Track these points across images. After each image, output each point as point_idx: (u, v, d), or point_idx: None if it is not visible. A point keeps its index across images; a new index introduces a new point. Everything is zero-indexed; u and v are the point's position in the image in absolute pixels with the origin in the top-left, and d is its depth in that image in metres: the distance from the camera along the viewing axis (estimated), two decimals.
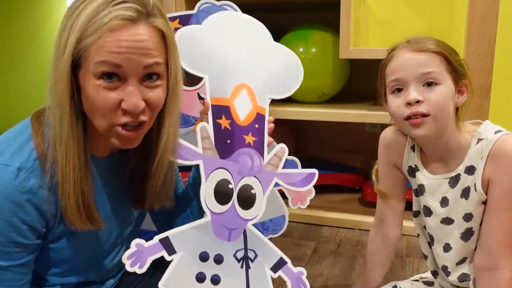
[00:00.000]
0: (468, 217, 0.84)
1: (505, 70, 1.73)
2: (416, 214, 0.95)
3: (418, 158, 0.90)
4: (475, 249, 0.86)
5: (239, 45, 0.94)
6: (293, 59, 1.00)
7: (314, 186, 1.26)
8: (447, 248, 0.88)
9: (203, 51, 0.89)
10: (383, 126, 1.86)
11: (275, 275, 0.86)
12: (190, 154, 0.83)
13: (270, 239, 1.35)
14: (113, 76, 0.67)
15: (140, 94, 0.69)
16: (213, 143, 0.85)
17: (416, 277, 1.04)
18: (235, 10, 1.23)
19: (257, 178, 0.88)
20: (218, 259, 0.83)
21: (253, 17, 1.01)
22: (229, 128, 0.88)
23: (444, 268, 0.90)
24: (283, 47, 1.00)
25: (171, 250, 0.79)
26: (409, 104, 0.80)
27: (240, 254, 0.85)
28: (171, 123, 0.78)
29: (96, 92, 0.67)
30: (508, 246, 0.81)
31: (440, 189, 0.87)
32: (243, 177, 0.87)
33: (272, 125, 0.92)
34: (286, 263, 0.88)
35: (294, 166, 1.32)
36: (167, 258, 0.78)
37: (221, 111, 0.88)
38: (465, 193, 0.84)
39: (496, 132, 0.81)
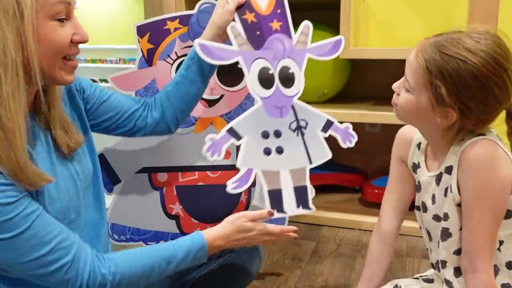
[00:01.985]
0: (445, 216, 0.85)
1: None
2: (417, 208, 0.96)
3: (422, 155, 0.91)
4: (453, 253, 0.87)
5: None
6: None
7: (314, 186, 1.26)
8: (438, 244, 0.89)
9: None
10: (383, 126, 1.87)
11: (326, 134, 1.00)
12: (227, 53, 0.92)
13: None
14: (63, 15, 0.73)
15: None
16: (245, 38, 0.94)
17: (416, 275, 1.04)
18: None
19: (291, 58, 0.98)
20: (277, 133, 0.97)
21: None
22: (255, 20, 0.96)
23: (437, 263, 0.91)
24: None
25: (237, 137, 0.93)
26: None
27: (293, 125, 0.98)
28: None
29: (54, 32, 0.72)
30: (486, 248, 0.81)
31: (430, 186, 0.89)
32: (279, 61, 0.97)
33: None
34: (333, 123, 1.01)
35: None
36: (236, 143, 0.92)
37: (244, 7, 0.96)
38: (446, 193, 0.85)
39: (477, 135, 0.80)
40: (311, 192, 1.00)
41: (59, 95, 0.82)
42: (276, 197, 0.96)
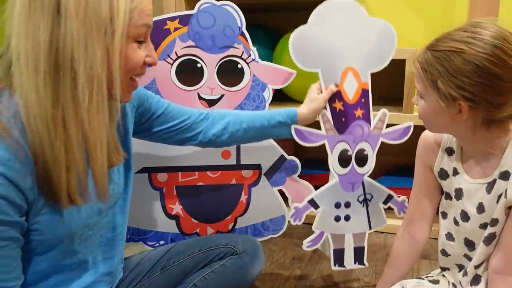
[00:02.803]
0: (494, 222, 0.82)
1: None
2: (444, 215, 0.93)
3: (458, 161, 0.88)
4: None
5: (340, 31, 1.08)
6: (387, 27, 1.12)
7: (314, 186, 1.27)
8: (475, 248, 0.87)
9: (313, 49, 1.06)
10: None
11: (386, 206, 1.19)
12: (316, 137, 1.11)
13: (270, 239, 1.36)
14: (143, 38, 0.75)
15: None
16: (332, 124, 1.10)
17: (421, 276, 1.04)
18: (235, 10, 1.23)
19: (367, 142, 1.13)
20: (347, 204, 1.15)
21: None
22: (343, 109, 1.09)
23: (464, 268, 0.90)
24: (376, 20, 1.12)
25: (316, 206, 1.13)
26: None
27: (361, 198, 1.16)
28: None
29: (134, 53, 0.74)
30: None
31: (477, 194, 0.84)
32: (357, 144, 1.12)
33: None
34: (392, 196, 1.19)
35: (294, 166, 1.32)
36: (314, 211, 1.13)
37: (335, 96, 1.09)
38: (499, 199, 0.81)
39: None
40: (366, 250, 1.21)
41: None
42: (339, 254, 1.17)
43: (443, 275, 0.97)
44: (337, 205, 1.14)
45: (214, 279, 0.98)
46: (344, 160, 1.11)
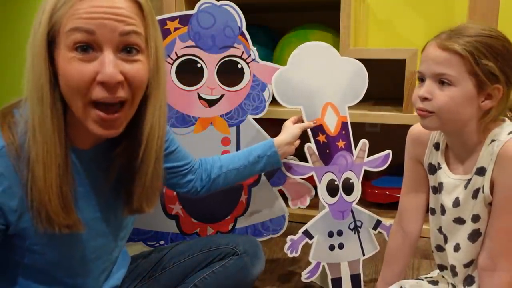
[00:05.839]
0: (475, 218, 0.83)
1: None
2: (432, 210, 0.94)
3: (442, 156, 0.89)
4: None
5: (317, 70, 1.18)
6: (359, 67, 1.22)
7: (314, 186, 1.27)
8: (457, 248, 0.88)
9: (293, 88, 1.15)
10: (383, 126, 1.86)
11: (376, 232, 1.25)
12: (304, 169, 1.17)
13: (270, 239, 1.36)
14: (88, 47, 0.62)
15: (116, 65, 0.63)
16: (318, 156, 1.17)
17: (421, 277, 1.04)
18: (235, 10, 1.23)
19: (352, 171, 1.21)
20: (339, 233, 1.20)
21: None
22: (326, 141, 1.18)
23: (453, 268, 0.90)
24: (348, 59, 1.23)
25: (310, 237, 1.17)
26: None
27: (352, 225, 1.21)
28: (156, 108, 0.72)
29: (70, 65, 0.62)
30: (510, 249, 0.80)
31: (456, 189, 0.86)
32: (343, 173, 1.19)
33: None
34: (381, 222, 1.24)
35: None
36: (309, 242, 1.17)
37: (318, 130, 1.17)
38: (475, 194, 0.83)
39: (510, 133, 0.79)
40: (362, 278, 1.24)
41: (158, 149, 0.76)
42: (337, 283, 1.20)
43: (442, 276, 0.97)
44: (330, 234, 1.18)
45: (214, 279, 0.98)
46: (332, 189, 1.18)
